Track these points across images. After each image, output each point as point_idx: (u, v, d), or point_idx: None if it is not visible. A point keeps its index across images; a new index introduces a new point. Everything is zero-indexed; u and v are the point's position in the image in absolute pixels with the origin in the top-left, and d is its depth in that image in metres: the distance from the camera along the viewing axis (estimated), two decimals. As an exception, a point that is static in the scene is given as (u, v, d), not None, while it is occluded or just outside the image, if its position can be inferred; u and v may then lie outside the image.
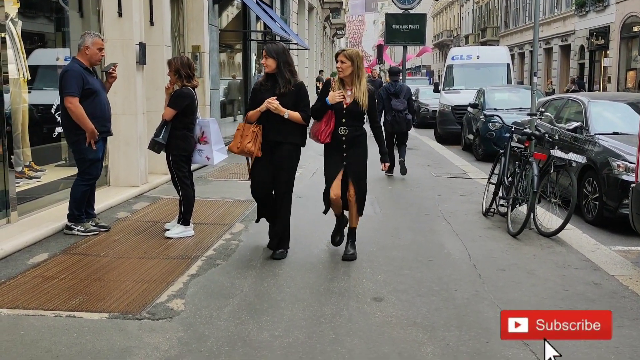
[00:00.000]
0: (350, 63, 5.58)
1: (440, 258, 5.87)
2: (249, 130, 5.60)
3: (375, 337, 4.05)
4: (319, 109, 5.66)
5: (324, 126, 5.64)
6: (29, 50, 8.41)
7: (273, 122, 5.58)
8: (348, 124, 5.62)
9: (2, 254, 5.53)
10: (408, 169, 10.92)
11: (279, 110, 5.51)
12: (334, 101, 5.59)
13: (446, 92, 19.37)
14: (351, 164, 5.70)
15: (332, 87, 5.69)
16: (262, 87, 5.70)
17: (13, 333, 4.00)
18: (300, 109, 5.64)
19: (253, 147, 5.59)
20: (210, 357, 3.70)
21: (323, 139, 5.65)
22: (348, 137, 5.64)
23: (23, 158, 7.96)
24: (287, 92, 5.57)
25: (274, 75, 5.63)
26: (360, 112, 5.63)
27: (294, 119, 5.59)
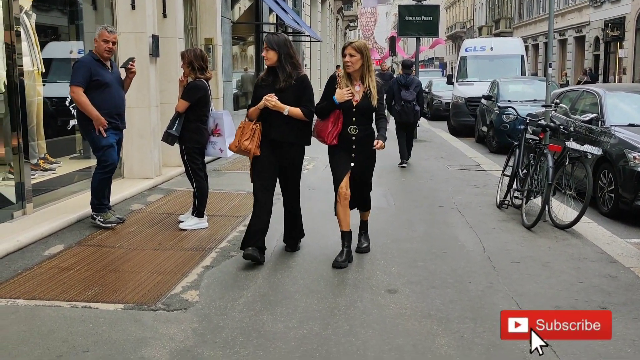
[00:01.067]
0: (360, 56, 5.21)
1: (454, 250, 5.85)
2: (249, 129, 5.28)
3: (390, 329, 4.05)
4: (325, 108, 5.29)
5: (330, 127, 5.26)
6: (43, 43, 8.45)
7: (275, 119, 5.24)
8: (359, 123, 5.27)
9: (18, 245, 5.58)
10: (421, 161, 11.04)
11: (278, 107, 5.16)
12: (343, 99, 5.19)
13: (459, 84, 19.28)
14: (359, 164, 5.37)
15: (339, 83, 5.29)
16: (262, 82, 5.35)
17: (30, 323, 4.04)
18: (302, 105, 5.26)
19: (251, 144, 5.24)
20: (225, 348, 3.71)
21: (329, 140, 5.28)
22: (358, 137, 5.30)
23: (38, 150, 8.02)
24: (289, 87, 5.21)
25: (275, 69, 5.30)
26: (371, 109, 5.29)
27: (294, 115, 5.22)
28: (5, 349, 3.67)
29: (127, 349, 3.69)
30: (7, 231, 5.87)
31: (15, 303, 4.38)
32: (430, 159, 12.09)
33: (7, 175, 7.05)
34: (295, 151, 5.40)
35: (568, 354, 3.69)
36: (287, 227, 5.74)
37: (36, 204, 6.70)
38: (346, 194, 5.31)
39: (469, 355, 3.68)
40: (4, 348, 3.67)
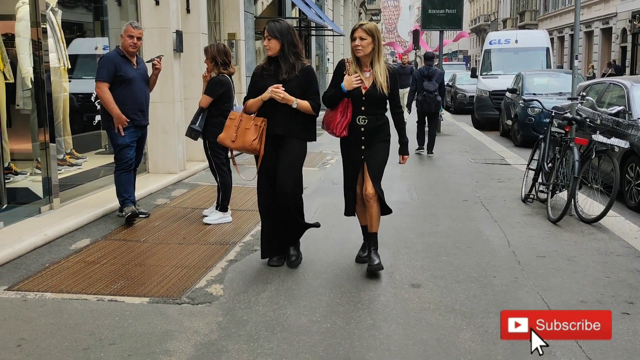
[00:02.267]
0: (371, 39, 4.76)
1: (479, 244, 5.81)
2: (250, 124, 4.87)
3: (413, 323, 4.04)
4: (333, 97, 4.87)
5: (339, 117, 4.83)
6: (69, 40, 8.54)
7: (278, 112, 4.85)
8: (368, 112, 4.84)
9: (46, 239, 5.66)
10: (445, 155, 11.02)
11: (287, 100, 4.77)
12: (351, 87, 4.77)
13: (484, 77, 19.13)
14: (370, 157, 4.91)
15: (347, 69, 4.87)
16: (263, 72, 4.95)
17: (58, 316, 4.10)
18: (309, 97, 4.90)
19: (259, 144, 4.88)
20: (249, 342, 3.74)
21: (339, 132, 4.86)
22: (368, 128, 4.86)
23: (64, 146, 8.12)
24: (293, 78, 4.85)
25: (278, 58, 4.92)
26: (381, 97, 4.83)
27: (303, 109, 4.85)
28: (33, 341, 3.73)
29: (153, 342, 3.73)
30: (35, 225, 5.96)
31: (43, 296, 4.45)
32: (454, 153, 12.02)
33: (35, 170, 7.16)
34: (295, 145, 4.94)
35: (594, 349, 3.66)
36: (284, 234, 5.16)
37: (63, 198, 6.79)
38: (370, 192, 4.90)
39: (494, 350, 3.66)
40: (33, 340, 3.73)
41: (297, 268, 5.09)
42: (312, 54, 22.62)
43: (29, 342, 3.72)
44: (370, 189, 4.88)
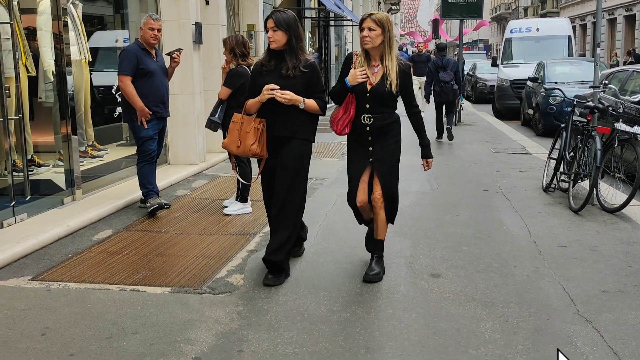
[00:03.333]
0: (381, 30, 4.34)
1: (499, 234, 5.78)
2: (250, 127, 4.46)
3: (433, 313, 4.03)
4: (339, 92, 4.52)
5: (341, 114, 4.49)
6: (90, 33, 8.61)
7: (280, 113, 4.43)
8: (373, 110, 4.44)
9: (68, 230, 5.73)
10: (465, 145, 11.02)
11: (294, 101, 4.36)
12: (355, 82, 4.39)
13: (504, 66, 18.96)
14: (379, 160, 4.55)
15: (354, 63, 4.51)
16: (263, 69, 4.51)
17: (81, 306, 4.15)
18: (316, 96, 4.50)
19: (258, 148, 4.48)
20: (270, 331, 3.76)
21: (339, 129, 4.49)
22: (374, 127, 4.47)
23: (86, 138, 8.20)
24: (298, 75, 4.43)
25: (281, 52, 4.46)
26: (388, 95, 4.40)
27: (310, 109, 4.46)
28: (57, 330, 3.78)
29: (174, 331, 3.76)
30: (58, 217, 6.04)
31: (66, 286, 4.51)
32: (474, 143, 11.95)
33: (57, 162, 7.24)
34: (298, 146, 4.52)
35: (615, 339, 3.63)
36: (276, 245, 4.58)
37: (85, 190, 6.86)
38: (362, 202, 4.61)
39: (514, 340, 3.65)
40: (57, 329, 3.79)
41: (319, 257, 5.10)
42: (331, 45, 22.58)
43: (53, 330, 3.78)
44: (377, 194, 4.57)
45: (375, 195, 4.58)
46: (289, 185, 4.47)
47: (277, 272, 4.53)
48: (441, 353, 3.49)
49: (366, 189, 4.60)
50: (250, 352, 3.50)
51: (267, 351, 3.50)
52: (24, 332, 3.75)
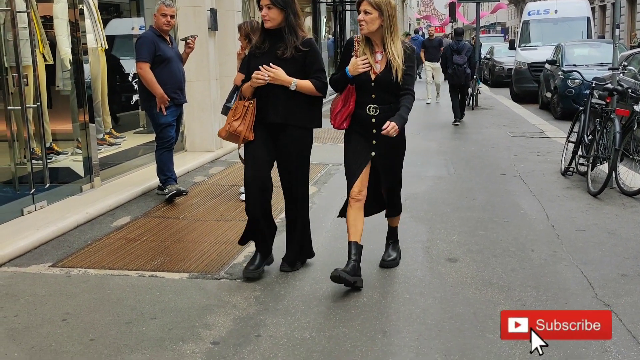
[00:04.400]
0: (378, 13, 3.96)
1: (517, 218, 5.76)
2: (239, 108, 4.22)
3: (450, 297, 4.03)
4: (339, 82, 4.15)
5: (340, 106, 4.12)
6: (106, 21, 8.64)
7: (275, 96, 4.13)
8: (380, 101, 4.07)
9: (87, 217, 5.79)
10: (482, 129, 11.14)
11: (281, 80, 4.05)
12: (357, 72, 4.02)
13: (522, 49, 18.76)
14: (383, 155, 4.20)
15: (356, 50, 4.12)
16: (257, 51, 4.21)
17: (100, 292, 4.21)
18: (312, 76, 4.16)
19: (242, 126, 4.17)
20: (287, 315, 3.78)
21: (337, 123, 4.15)
22: (380, 119, 4.03)
23: (104, 126, 8.26)
24: (297, 57, 4.12)
25: (278, 32, 4.12)
26: (395, 84, 4.05)
27: (304, 90, 4.12)
28: (78, 315, 3.84)
29: (193, 316, 3.80)
30: (77, 204, 6.10)
31: (86, 272, 4.57)
32: (491, 127, 11.88)
33: (76, 150, 7.31)
34: (296, 134, 4.26)
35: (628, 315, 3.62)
36: (288, 239, 4.61)
37: (103, 177, 6.92)
38: (359, 194, 4.18)
39: (531, 324, 3.64)
40: (77, 315, 3.84)
41: (335, 242, 5.11)
42: (346, 30, 22.48)
43: (73, 316, 3.83)
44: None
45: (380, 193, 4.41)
46: (298, 178, 4.38)
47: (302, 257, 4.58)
48: (457, 337, 3.50)
49: (366, 184, 4.22)
50: (267, 336, 3.53)
51: (284, 335, 3.53)
52: (45, 318, 3.81)
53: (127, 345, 3.44)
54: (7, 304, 4.01)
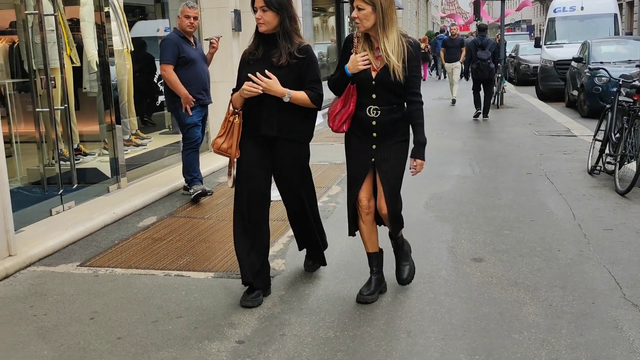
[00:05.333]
0: (372, 8, 3.64)
1: (543, 218, 5.70)
2: (226, 121, 3.92)
3: (475, 297, 4.01)
4: (338, 82, 3.85)
5: (339, 107, 3.83)
6: (131, 23, 8.73)
7: (267, 107, 3.83)
8: (381, 102, 3.76)
9: (114, 217, 5.86)
10: (507, 128, 11.10)
11: (274, 91, 3.75)
12: (357, 70, 3.73)
13: (548, 46, 18.58)
14: (384, 161, 3.84)
15: (355, 47, 3.80)
16: (250, 57, 3.92)
17: (127, 291, 4.26)
18: (307, 87, 3.86)
19: (226, 143, 3.89)
20: (311, 315, 3.79)
21: (336, 126, 3.85)
22: (381, 122, 3.78)
23: (130, 127, 8.35)
24: (292, 64, 3.82)
25: (271, 37, 3.84)
26: (396, 83, 3.71)
27: (298, 102, 3.82)
28: (105, 314, 3.89)
29: (218, 315, 3.83)
30: (104, 204, 6.18)
31: (113, 272, 4.62)
32: (517, 126, 11.78)
33: (103, 151, 7.40)
34: (291, 148, 3.97)
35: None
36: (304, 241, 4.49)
37: (130, 178, 7.00)
38: (368, 206, 3.93)
39: (558, 324, 3.61)
40: (105, 314, 3.89)
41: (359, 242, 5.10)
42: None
43: (101, 315, 3.88)
44: (383, 205, 3.89)
45: (381, 206, 3.91)
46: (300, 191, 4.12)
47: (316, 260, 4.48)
48: (483, 337, 3.48)
49: (371, 191, 3.95)
50: (292, 335, 3.54)
51: (309, 335, 3.54)
52: (74, 316, 3.87)
53: (153, 344, 3.48)
54: (36, 303, 4.08)
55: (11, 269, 4.58)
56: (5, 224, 4.63)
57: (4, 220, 4.61)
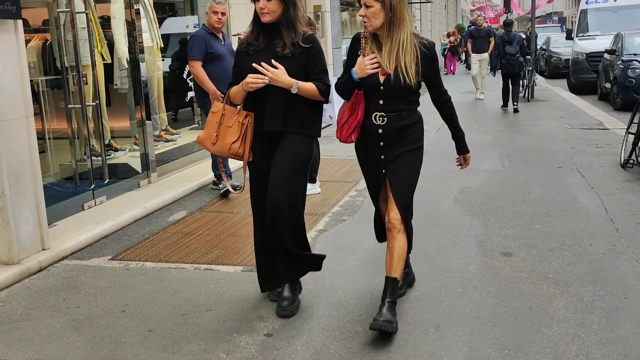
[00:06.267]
0: (381, 5, 3.33)
1: (574, 212, 5.63)
2: (233, 120, 3.63)
3: (504, 292, 3.98)
4: (344, 87, 3.56)
5: (346, 115, 3.51)
6: (161, 20, 8.82)
7: (270, 101, 3.57)
8: (388, 108, 3.44)
9: (145, 212, 5.93)
10: (538, 121, 10.97)
11: (282, 82, 3.49)
12: (364, 74, 3.41)
13: (580, 39, 18.29)
14: (394, 172, 3.52)
15: (363, 47, 3.48)
16: (249, 47, 3.64)
17: (158, 284, 4.31)
18: (314, 77, 3.60)
19: (241, 148, 3.63)
20: (339, 309, 3.80)
21: (345, 136, 3.54)
22: (388, 130, 3.46)
23: (160, 122, 8.44)
24: (296, 53, 3.56)
25: (273, 27, 3.59)
26: (407, 88, 3.38)
27: (306, 93, 3.56)
28: (136, 307, 3.94)
29: (246, 308, 3.86)
30: (135, 199, 6.26)
31: (144, 265, 4.69)
32: (548, 119, 11.63)
33: (133, 146, 7.50)
34: (295, 142, 3.63)
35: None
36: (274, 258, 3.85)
37: (160, 173, 7.08)
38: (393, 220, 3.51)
39: (588, 319, 3.57)
40: (136, 306, 3.95)
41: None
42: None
43: (132, 307, 3.94)
44: (394, 216, 3.51)
45: (391, 217, 3.52)
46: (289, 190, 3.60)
47: (292, 291, 3.81)
48: (512, 332, 3.45)
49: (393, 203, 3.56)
50: (320, 329, 3.56)
51: (336, 328, 3.55)
52: (106, 309, 3.93)
53: (183, 336, 3.52)
54: (69, 296, 4.16)
55: (45, 262, 4.67)
56: (39, 218, 4.72)
57: (37, 215, 4.70)
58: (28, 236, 4.62)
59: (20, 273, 4.44)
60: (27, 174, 4.59)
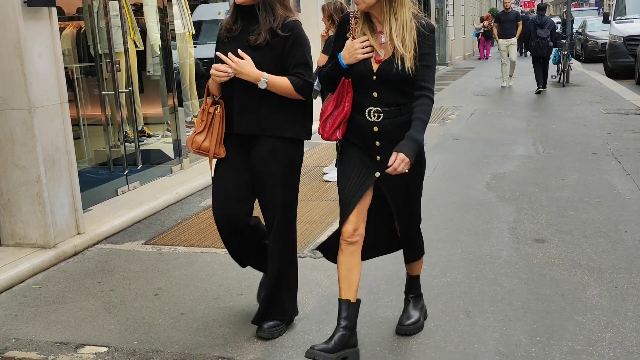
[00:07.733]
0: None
1: (609, 198, 5.54)
2: (205, 113, 3.18)
3: (537, 279, 3.94)
4: (330, 75, 2.98)
5: (330, 108, 2.98)
6: (193, 6, 8.85)
7: (238, 97, 3.10)
8: (384, 102, 2.89)
9: (177, 197, 6.00)
10: (573, 107, 10.93)
11: (247, 74, 2.99)
12: (354, 60, 2.85)
13: (617, 22, 17.88)
14: (392, 183, 2.96)
15: (352, 29, 2.91)
16: (226, 35, 3.15)
17: (190, 268, 4.36)
18: (291, 71, 3.06)
19: (207, 140, 3.16)
20: (370, 294, 3.81)
21: (328, 133, 3.01)
22: (384, 128, 2.90)
23: (192, 109, 8.50)
24: (273, 42, 3.04)
25: (251, 10, 3.07)
26: (405, 77, 2.81)
27: (278, 89, 3.03)
28: (169, 290, 4.00)
29: (277, 293, 3.88)
30: (168, 184, 6.33)
31: (176, 250, 4.75)
32: (583, 104, 11.42)
33: (166, 133, 7.57)
34: (273, 147, 3.14)
35: None
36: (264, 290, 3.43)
37: (192, 159, 7.14)
38: (354, 234, 2.98)
39: (623, 307, 3.51)
40: (169, 290, 4.01)
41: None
42: (431, 7, 22.07)
43: (164, 291, 4.00)
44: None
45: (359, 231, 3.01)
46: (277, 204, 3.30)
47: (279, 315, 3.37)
48: (544, 318, 3.42)
49: (363, 217, 3.01)
50: (350, 314, 3.56)
51: (367, 314, 3.55)
52: (139, 292, 3.99)
53: (215, 320, 3.56)
54: (104, 279, 4.23)
55: (80, 246, 4.76)
56: (74, 203, 4.80)
57: (72, 200, 4.78)
58: (63, 220, 4.71)
59: (56, 257, 4.53)
60: (62, 159, 4.67)
